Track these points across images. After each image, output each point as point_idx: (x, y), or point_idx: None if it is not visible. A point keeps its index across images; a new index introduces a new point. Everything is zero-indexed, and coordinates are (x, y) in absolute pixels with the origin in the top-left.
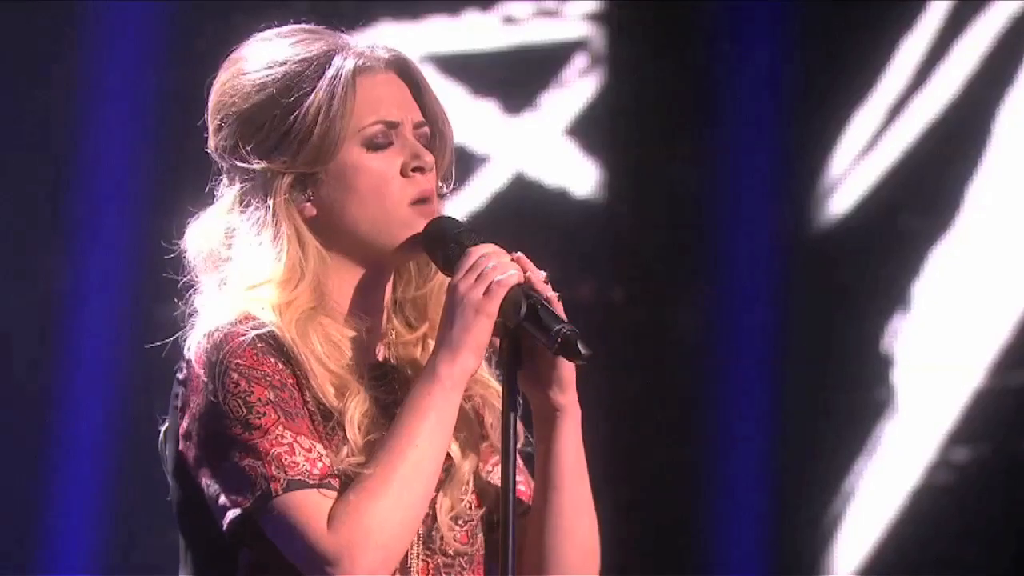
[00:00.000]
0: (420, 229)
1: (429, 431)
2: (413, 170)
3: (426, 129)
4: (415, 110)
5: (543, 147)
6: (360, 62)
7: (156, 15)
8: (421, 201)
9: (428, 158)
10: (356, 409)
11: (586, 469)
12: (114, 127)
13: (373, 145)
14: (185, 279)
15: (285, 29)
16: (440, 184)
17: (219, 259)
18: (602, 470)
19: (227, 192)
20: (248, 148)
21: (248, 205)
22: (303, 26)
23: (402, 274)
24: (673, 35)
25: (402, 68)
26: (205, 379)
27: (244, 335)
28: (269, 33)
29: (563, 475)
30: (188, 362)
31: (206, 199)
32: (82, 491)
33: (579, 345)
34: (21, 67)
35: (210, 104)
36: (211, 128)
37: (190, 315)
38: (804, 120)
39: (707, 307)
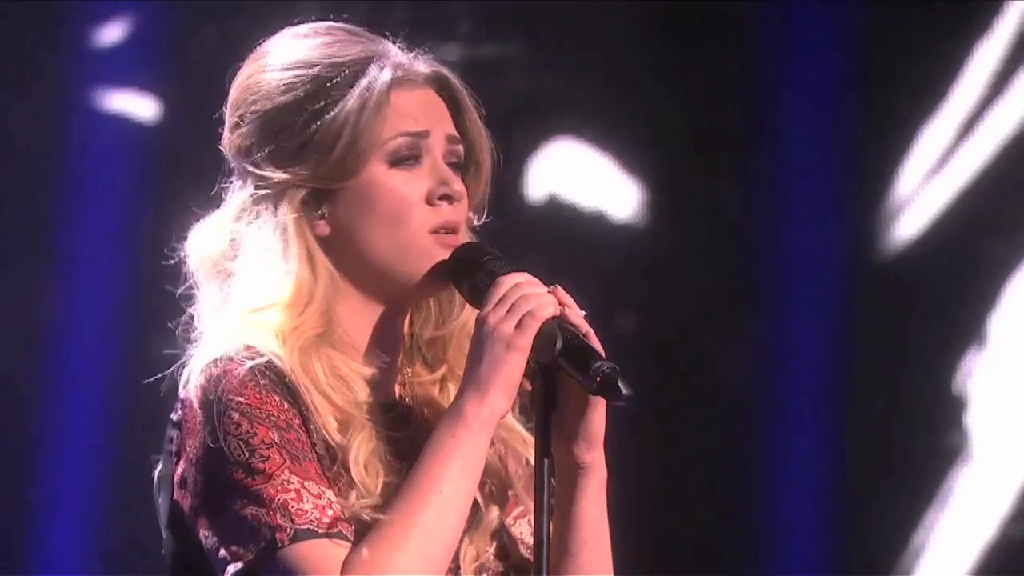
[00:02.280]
0: (440, 260)
1: (453, 477)
2: (440, 198)
3: (460, 147)
4: (449, 125)
5: (578, 165)
6: (397, 74)
7: (152, 16)
8: (444, 231)
9: (458, 187)
10: (361, 447)
11: (607, 535)
12: (105, 139)
13: (398, 159)
14: (183, 298)
15: (321, 26)
16: (471, 215)
17: (223, 271)
18: (642, 524)
19: (236, 196)
20: (264, 152)
21: (257, 216)
22: (341, 25)
23: (420, 309)
24: (719, 40)
25: (443, 85)
26: (202, 420)
27: (241, 365)
28: (303, 28)
29: (582, 542)
30: (183, 402)
31: (213, 201)
32: (73, 493)
33: (620, 384)
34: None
35: (230, 98)
36: (227, 124)
37: (186, 339)
38: (867, 135)
39: (759, 342)
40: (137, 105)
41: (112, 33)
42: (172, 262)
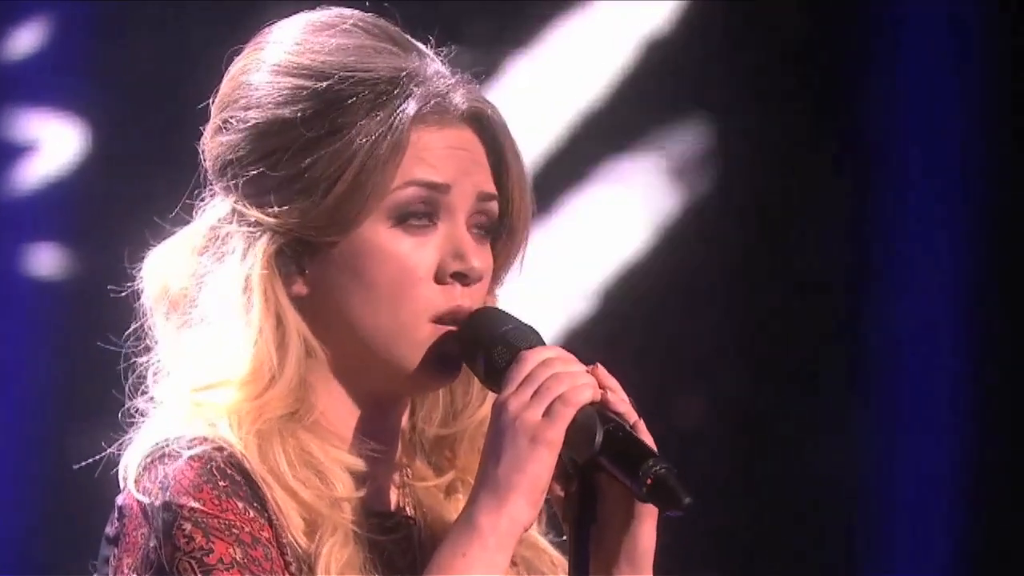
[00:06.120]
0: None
1: None
2: (453, 276)
3: (493, 205)
4: (483, 177)
5: (628, 204)
6: (425, 107)
7: (77, 23)
8: (452, 320)
9: (478, 264)
10: (332, 554)
11: None
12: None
13: (405, 216)
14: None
15: (347, 19)
16: (499, 276)
17: (182, 310)
18: None
19: (207, 219)
20: (245, 176)
21: (224, 255)
22: (371, 20)
23: (424, 398)
24: (799, 47)
25: (483, 125)
26: (145, 533)
27: (193, 460)
28: (324, 16)
29: None
30: (120, 510)
31: (180, 217)
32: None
33: (677, 489)
34: None
35: (220, 89)
36: (211, 122)
37: (128, 420)
38: (994, 181)
39: (862, 433)
40: (57, 131)
41: (25, 42)
42: (123, 294)
